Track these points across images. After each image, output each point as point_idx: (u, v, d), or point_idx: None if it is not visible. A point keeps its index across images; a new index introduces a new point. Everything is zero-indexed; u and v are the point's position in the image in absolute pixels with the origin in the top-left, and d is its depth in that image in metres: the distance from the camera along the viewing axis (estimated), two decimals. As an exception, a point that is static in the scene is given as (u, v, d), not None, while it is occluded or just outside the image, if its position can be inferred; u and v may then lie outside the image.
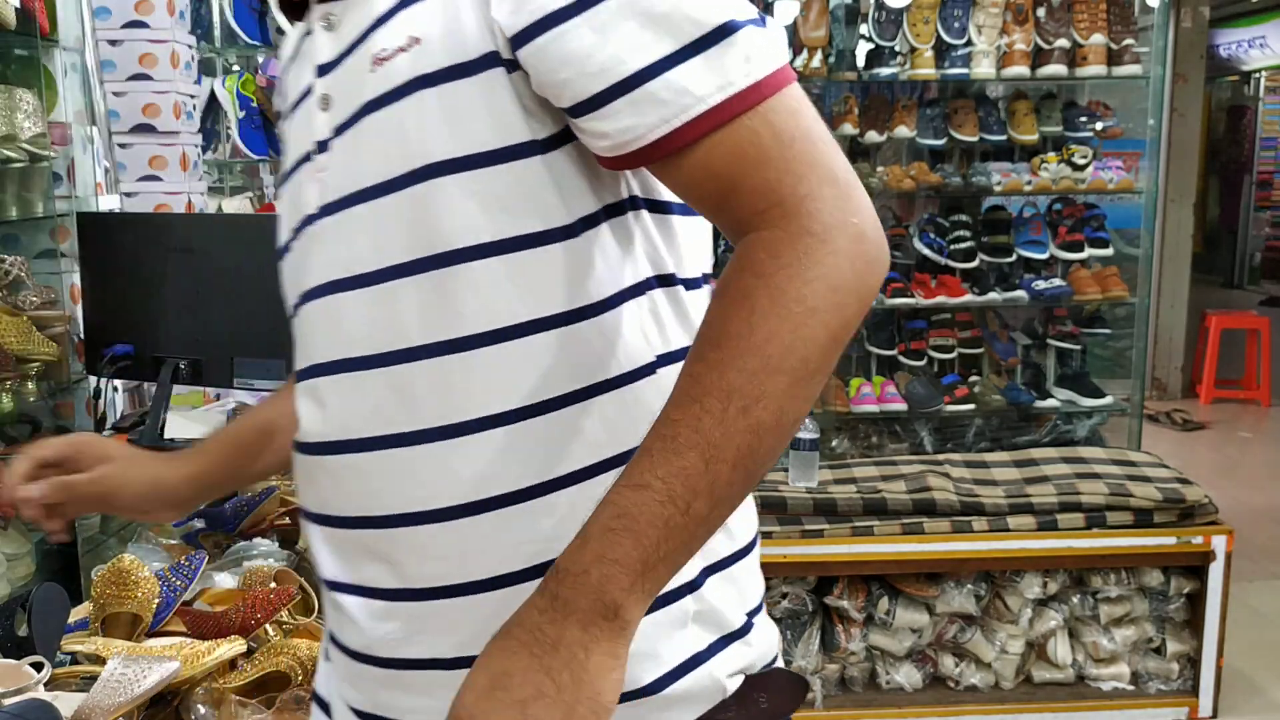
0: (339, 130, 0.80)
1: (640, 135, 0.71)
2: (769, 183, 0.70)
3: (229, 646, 1.62)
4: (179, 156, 2.64)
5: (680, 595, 0.81)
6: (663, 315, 0.80)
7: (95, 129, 2.48)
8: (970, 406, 3.60)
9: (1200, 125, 7.43)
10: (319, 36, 0.84)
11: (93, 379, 2.25)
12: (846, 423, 3.71)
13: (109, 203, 2.51)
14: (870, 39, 3.58)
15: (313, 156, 0.84)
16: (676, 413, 0.70)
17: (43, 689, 1.48)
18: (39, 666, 1.50)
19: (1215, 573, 3.03)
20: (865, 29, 3.60)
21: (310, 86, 0.84)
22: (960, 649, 3.13)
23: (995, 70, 3.52)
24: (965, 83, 3.65)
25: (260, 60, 3.28)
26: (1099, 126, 3.66)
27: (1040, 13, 3.53)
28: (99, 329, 2.17)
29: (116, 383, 2.39)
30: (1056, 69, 3.48)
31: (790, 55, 0.63)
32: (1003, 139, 3.61)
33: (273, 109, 3.13)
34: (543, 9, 0.70)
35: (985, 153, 3.79)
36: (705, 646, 0.82)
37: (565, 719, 0.66)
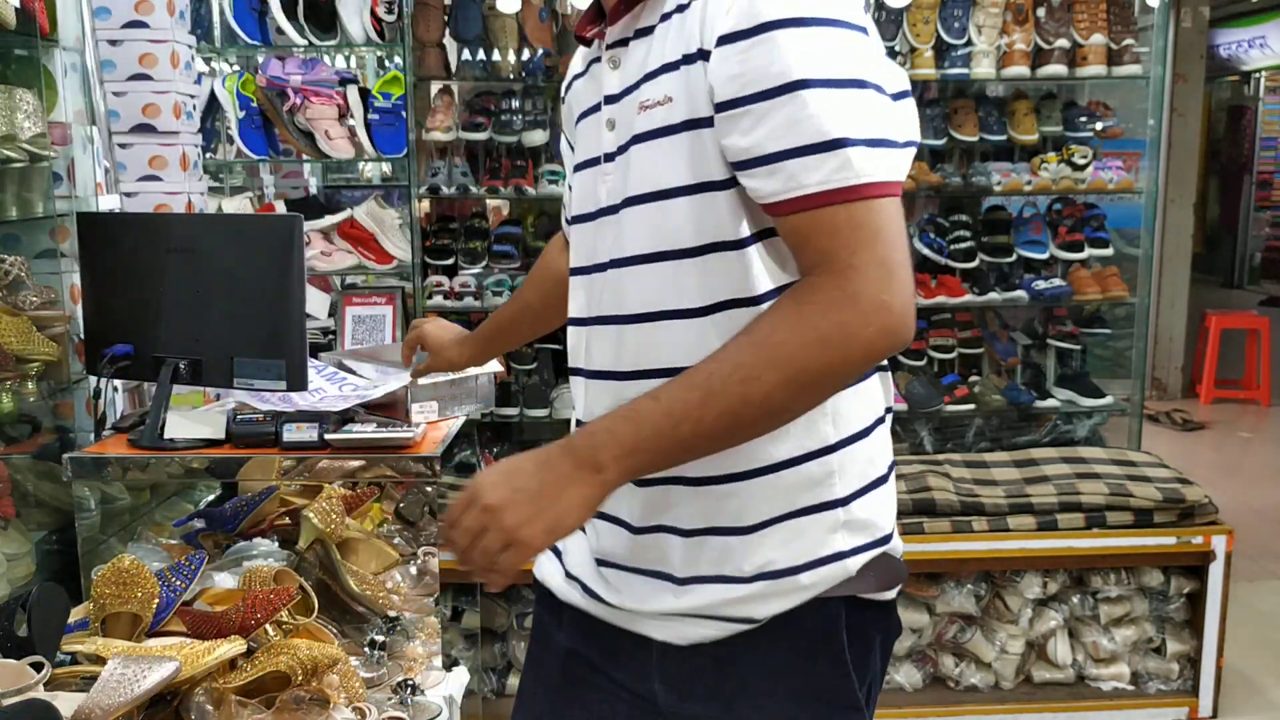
0: (620, 149, 1.15)
1: (764, 196, 1.03)
2: (831, 249, 0.99)
3: (229, 646, 1.62)
4: (179, 156, 2.64)
5: (834, 507, 1.12)
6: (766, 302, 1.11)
7: (95, 129, 2.48)
8: (970, 406, 3.60)
9: (1200, 125, 7.43)
10: (607, 72, 1.18)
11: (93, 379, 2.24)
12: (846, 423, 3.71)
13: (109, 203, 2.51)
14: (870, 39, 3.58)
15: (602, 162, 1.19)
16: (705, 363, 1.01)
17: (43, 689, 1.48)
18: (39, 666, 1.50)
19: (1215, 573, 3.03)
20: (865, 29, 3.60)
21: (599, 105, 1.19)
22: (960, 649, 3.13)
23: (995, 70, 3.52)
24: (965, 83, 3.65)
25: (260, 60, 3.28)
26: (1099, 126, 3.66)
27: (1040, 13, 3.53)
28: (99, 329, 2.17)
29: (116, 383, 2.39)
30: (1056, 69, 3.48)
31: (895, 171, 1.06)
32: (1003, 139, 3.61)
33: (273, 109, 3.14)
34: (735, 94, 1.02)
35: (985, 153, 3.78)
36: (850, 548, 1.13)
37: (531, 516, 0.99)
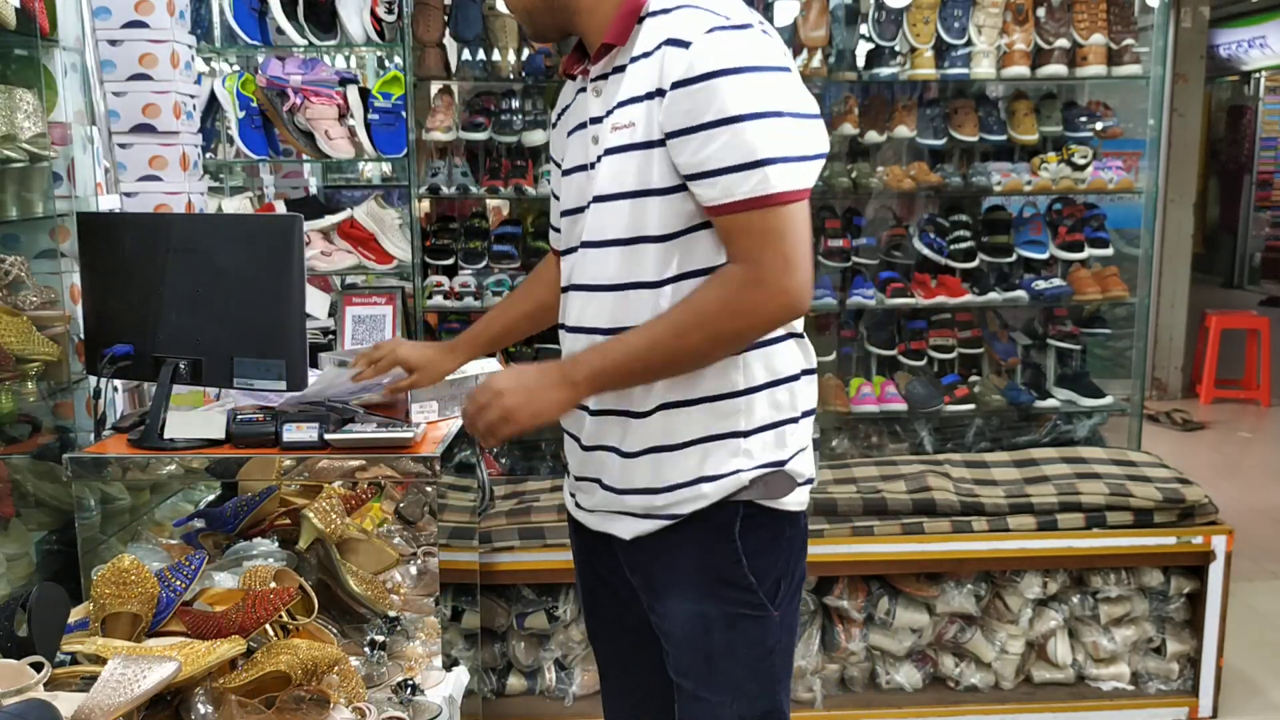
0: (598, 159, 1.49)
1: (706, 201, 1.40)
2: (748, 245, 1.39)
3: (229, 646, 1.62)
4: (179, 156, 2.64)
5: (736, 437, 1.49)
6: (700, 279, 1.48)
7: (95, 129, 2.48)
8: (970, 406, 3.60)
9: (1200, 125, 7.43)
10: (591, 99, 1.52)
11: (93, 379, 2.24)
12: (846, 423, 3.71)
13: (109, 203, 2.51)
14: (870, 39, 3.58)
15: (587, 169, 1.52)
16: (655, 320, 1.43)
17: (43, 689, 1.48)
18: (39, 666, 1.50)
19: (1215, 573, 3.03)
20: (865, 29, 3.59)
21: (586, 124, 1.53)
22: (960, 649, 3.13)
23: (995, 70, 3.52)
24: (965, 83, 3.65)
25: (260, 60, 3.28)
26: (1099, 126, 3.66)
27: (1040, 13, 3.53)
28: (99, 329, 2.17)
29: (116, 383, 2.39)
30: (1056, 69, 3.48)
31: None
32: (1003, 139, 3.61)
33: (273, 109, 3.14)
34: (686, 125, 1.37)
35: (985, 153, 3.78)
36: (747, 467, 1.49)
37: (524, 403, 1.43)
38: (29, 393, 2.22)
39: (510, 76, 3.53)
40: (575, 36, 1.57)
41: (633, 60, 1.44)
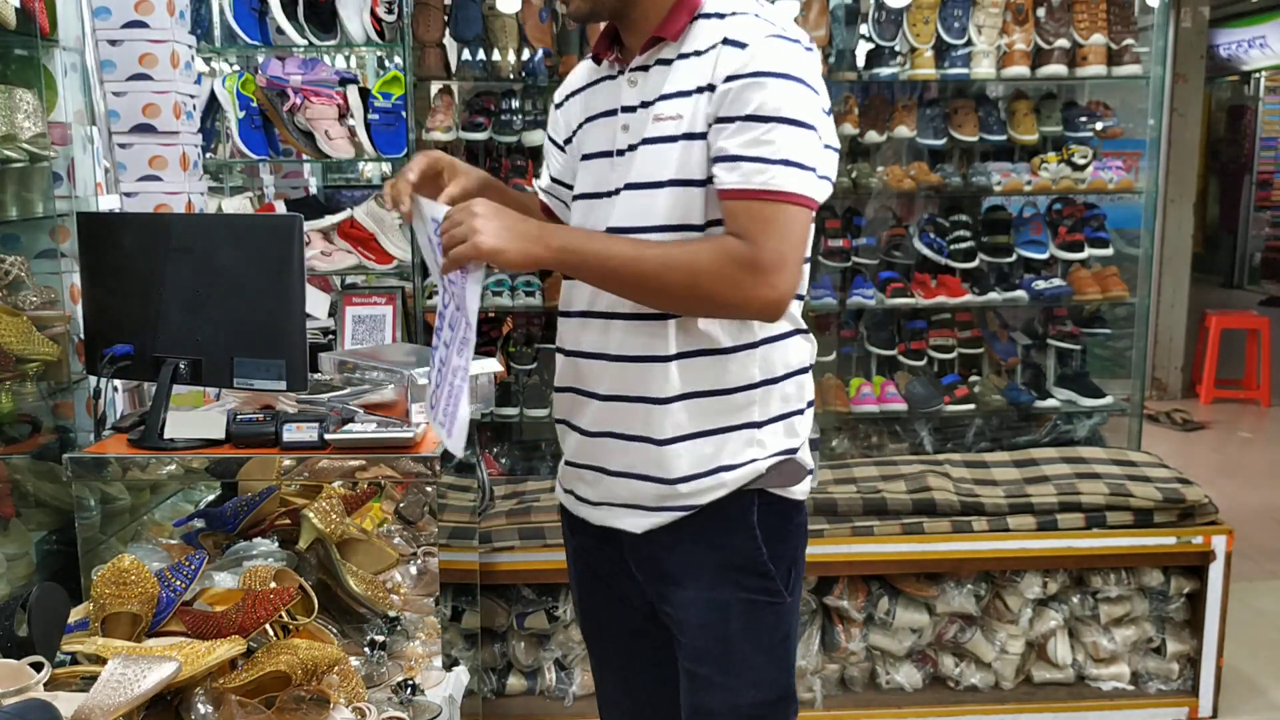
0: (630, 147, 1.52)
1: (721, 183, 1.45)
2: (749, 227, 1.42)
3: (229, 646, 1.62)
4: (179, 156, 2.64)
5: (751, 428, 1.53)
6: None
7: (95, 129, 2.48)
8: (970, 406, 3.60)
9: (1200, 125, 7.43)
10: (625, 87, 1.55)
11: (93, 379, 2.24)
12: (846, 423, 3.71)
13: (109, 203, 2.51)
14: (870, 39, 3.58)
15: (613, 155, 1.55)
16: (648, 243, 1.46)
17: (43, 689, 1.48)
18: (39, 666, 1.50)
19: (1215, 573, 3.03)
20: (865, 29, 3.59)
21: (615, 111, 1.56)
22: (960, 649, 3.13)
23: (995, 70, 3.52)
24: (965, 83, 3.65)
25: (260, 60, 3.28)
26: (1099, 126, 3.65)
27: (1040, 13, 3.53)
28: (99, 329, 2.17)
29: (116, 383, 2.39)
30: (1056, 69, 3.48)
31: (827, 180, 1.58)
32: (1003, 139, 3.61)
33: (273, 109, 3.14)
34: (731, 113, 1.42)
35: (985, 153, 3.78)
36: (762, 456, 1.54)
37: (494, 231, 1.40)
38: (29, 393, 2.22)
39: (510, 76, 3.53)
40: (607, 20, 1.58)
41: (681, 56, 1.50)
